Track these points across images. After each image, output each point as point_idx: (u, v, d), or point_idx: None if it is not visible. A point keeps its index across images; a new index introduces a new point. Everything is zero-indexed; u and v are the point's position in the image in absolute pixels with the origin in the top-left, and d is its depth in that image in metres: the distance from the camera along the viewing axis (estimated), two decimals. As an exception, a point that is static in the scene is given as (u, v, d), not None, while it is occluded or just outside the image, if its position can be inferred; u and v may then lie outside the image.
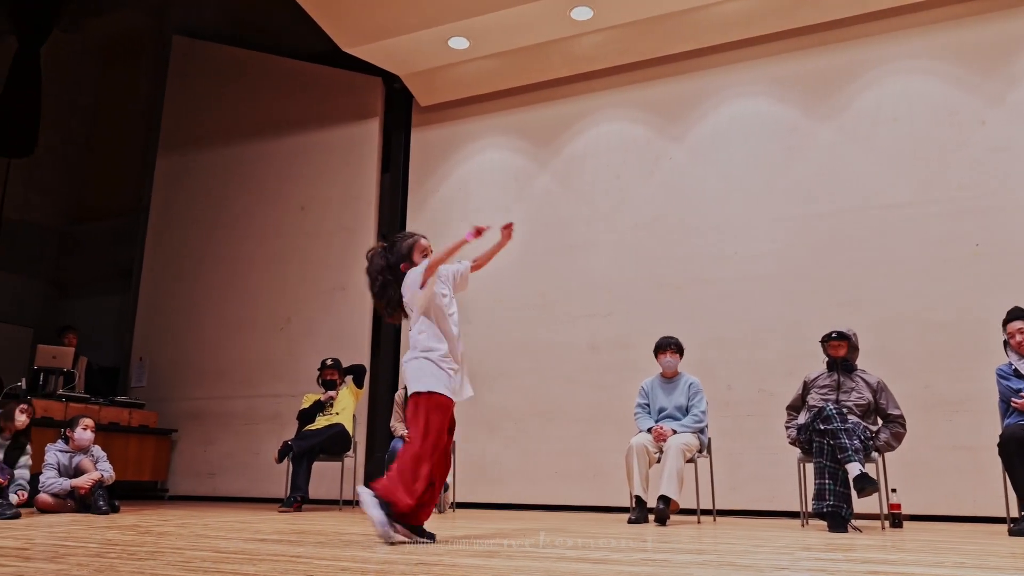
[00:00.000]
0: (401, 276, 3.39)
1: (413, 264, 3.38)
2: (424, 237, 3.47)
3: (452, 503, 6.10)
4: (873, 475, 4.26)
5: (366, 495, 3.00)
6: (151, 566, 2.29)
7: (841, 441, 4.26)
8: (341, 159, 8.40)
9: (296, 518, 5.03)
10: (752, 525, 4.78)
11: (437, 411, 3.17)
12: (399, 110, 8.35)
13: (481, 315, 7.32)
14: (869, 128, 6.35)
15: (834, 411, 4.37)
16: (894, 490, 4.69)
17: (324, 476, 6.89)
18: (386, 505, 3.00)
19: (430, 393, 3.19)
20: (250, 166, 8.93)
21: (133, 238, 9.73)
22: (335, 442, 6.29)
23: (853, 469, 4.18)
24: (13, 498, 4.88)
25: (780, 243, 6.43)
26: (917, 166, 6.13)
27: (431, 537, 3.14)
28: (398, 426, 6.04)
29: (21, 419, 5.33)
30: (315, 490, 6.39)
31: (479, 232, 3.23)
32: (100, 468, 5.36)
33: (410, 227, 7.93)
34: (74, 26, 10.83)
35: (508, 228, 3.49)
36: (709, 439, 5.19)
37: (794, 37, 6.74)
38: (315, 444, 6.20)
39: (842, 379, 4.74)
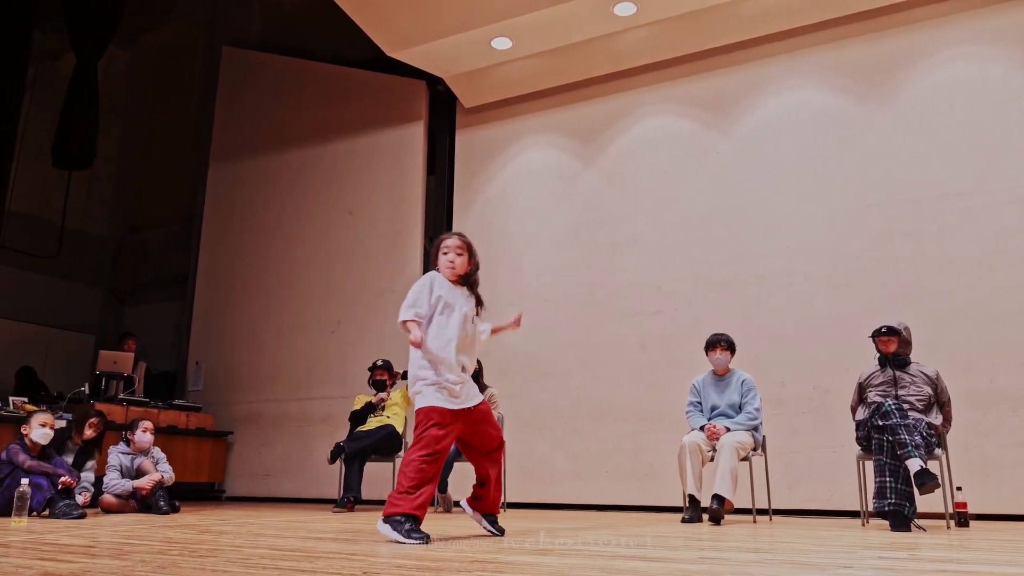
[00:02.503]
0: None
1: (436, 263, 3.46)
2: (450, 236, 3.47)
3: (503, 503, 6.09)
4: (936, 472, 4.13)
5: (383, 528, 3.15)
6: (212, 563, 2.33)
7: (901, 437, 4.13)
8: (387, 163, 8.49)
9: (350, 518, 5.08)
10: (810, 524, 4.67)
11: (427, 421, 3.24)
12: (443, 112, 8.41)
13: (530, 314, 7.27)
14: (925, 116, 6.17)
15: (893, 407, 4.25)
16: (959, 488, 4.54)
17: (376, 477, 6.96)
18: (391, 520, 3.12)
19: (422, 409, 3.29)
20: (299, 172, 9.08)
21: (188, 246, 9.97)
22: (386, 443, 6.33)
23: (913, 465, 4.05)
24: (79, 499, 5.03)
25: (833, 236, 6.28)
26: (976, 153, 5.93)
27: (424, 537, 3.07)
28: None
29: (88, 432, 5.57)
30: (367, 491, 6.44)
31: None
32: (160, 469, 5.50)
33: (456, 228, 7.94)
34: (128, 41, 11.17)
35: (518, 320, 3.68)
36: (764, 437, 5.09)
37: (843, 25, 6.59)
38: (366, 445, 6.25)
39: (898, 375, 4.60)
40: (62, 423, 6.00)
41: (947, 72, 6.17)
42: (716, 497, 4.57)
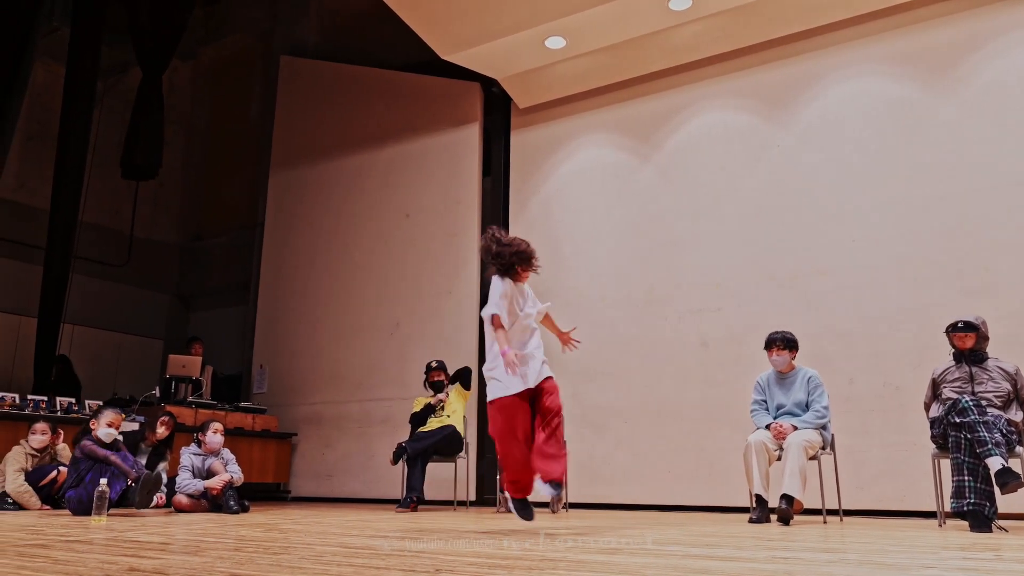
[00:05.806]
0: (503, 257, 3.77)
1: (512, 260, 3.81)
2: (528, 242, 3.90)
3: (565, 503, 6.08)
4: (1017, 470, 3.97)
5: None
6: (287, 560, 2.37)
7: (980, 434, 3.98)
8: (443, 165, 8.55)
9: (414, 517, 5.13)
10: (884, 525, 4.54)
11: (497, 413, 3.71)
12: (498, 113, 8.43)
13: (588, 313, 7.27)
14: (997, 101, 5.94)
15: (971, 403, 4.09)
16: (1042, 487, 4.35)
17: (436, 477, 7.01)
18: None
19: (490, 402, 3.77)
20: (356, 177, 9.21)
21: (250, 252, 10.21)
22: (448, 443, 6.38)
23: (994, 463, 3.90)
24: (153, 500, 5.17)
25: (902, 228, 6.09)
26: (1054, 139, 5.68)
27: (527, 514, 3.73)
28: None
29: (160, 431, 5.75)
30: (430, 491, 6.51)
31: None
32: (230, 470, 5.64)
33: (512, 229, 7.96)
34: (191, 54, 11.51)
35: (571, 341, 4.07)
36: (832, 435, 4.96)
37: (906, 11, 6.38)
38: (428, 445, 6.31)
39: (974, 371, 4.43)
40: (134, 425, 6.20)
41: (1020, 54, 5.92)
42: (785, 497, 4.47)
